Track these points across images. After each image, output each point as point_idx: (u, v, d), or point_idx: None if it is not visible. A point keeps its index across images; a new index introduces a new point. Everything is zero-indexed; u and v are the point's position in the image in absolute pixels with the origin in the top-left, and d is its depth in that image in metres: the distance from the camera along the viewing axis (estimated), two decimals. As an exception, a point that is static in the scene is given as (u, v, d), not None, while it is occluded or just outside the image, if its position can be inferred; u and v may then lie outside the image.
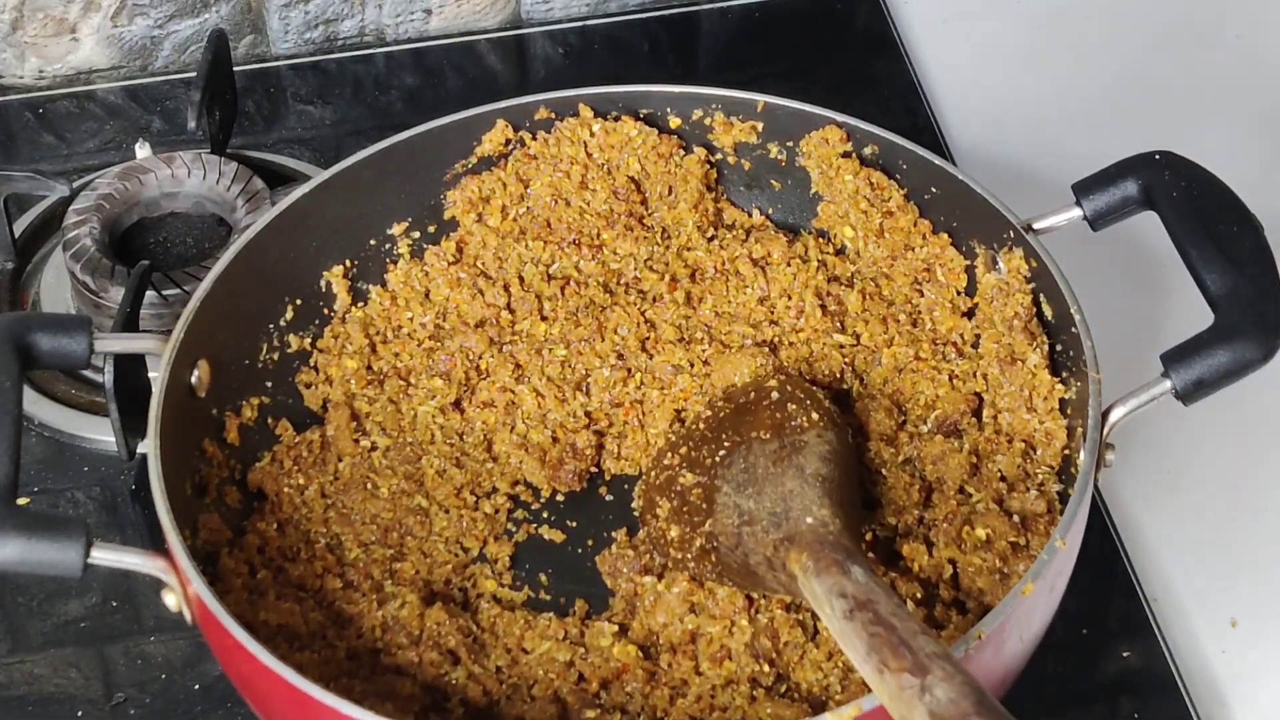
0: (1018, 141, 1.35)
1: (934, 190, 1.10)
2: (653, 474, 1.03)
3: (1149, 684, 1.04)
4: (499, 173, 1.15)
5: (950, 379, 1.06)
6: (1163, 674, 1.04)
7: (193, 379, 1.03)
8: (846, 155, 1.13)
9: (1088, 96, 1.38)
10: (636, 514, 1.04)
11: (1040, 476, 1.00)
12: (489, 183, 1.15)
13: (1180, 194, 0.99)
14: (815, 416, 0.99)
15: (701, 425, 1.03)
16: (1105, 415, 0.95)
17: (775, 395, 1.01)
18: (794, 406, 1.00)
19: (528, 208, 1.14)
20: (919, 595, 0.95)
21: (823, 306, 1.10)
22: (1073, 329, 0.99)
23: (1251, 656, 1.06)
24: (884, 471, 1.03)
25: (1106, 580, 1.09)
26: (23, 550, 0.88)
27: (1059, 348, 1.03)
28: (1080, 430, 0.97)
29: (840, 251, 1.14)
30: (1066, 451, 1.00)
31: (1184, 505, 1.13)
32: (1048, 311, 1.04)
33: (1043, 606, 0.92)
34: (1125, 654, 1.05)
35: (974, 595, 0.95)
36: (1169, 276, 1.11)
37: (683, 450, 1.02)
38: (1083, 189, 1.03)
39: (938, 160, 1.09)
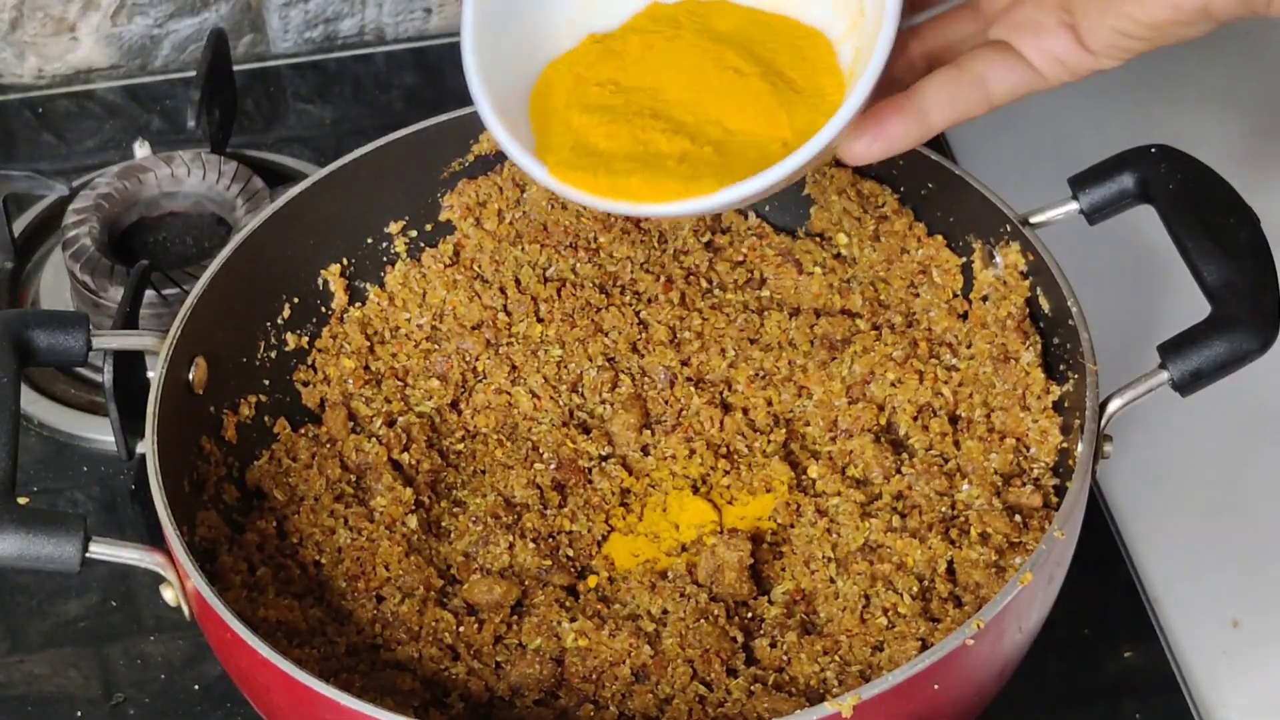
0: (1017, 137, 1.35)
1: (930, 186, 1.10)
2: None
3: (1150, 684, 1.04)
4: (495, 178, 1.15)
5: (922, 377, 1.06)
6: (1164, 674, 1.04)
7: (190, 376, 1.03)
8: (839, 163, 1.13)
9: (1086, 92, 1.38)
10: None
11: (1036, 472, 1.00)
12: (485, 188, 1.15)
13: (1176, 187, 0.99)
14: None
15: None
16: (1103, 407, 0.95)
17: None
18: None
19: (524, 212, 1.14)
20: (915, 589, 0.95)
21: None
22: (1070, 322, 1.00)
23: (1253, 657, 1.06)
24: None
25: (1107, 580, 1.09)
26: (20, 545, 0.89)
27: (1056, 340, 1.03)
28: (1077, 425, 0.97)
29: (838, 256, 1.13)
30: (1064, 446, 1.00)
31: (1185, 505, 1.13)
32: (1045, 305, 1.04)
33: (1041, 597, 0.92)
34: (1126, 654, 1.05)
35: (971, 589, 0.95)
36: (1166, 269, 1.11)
37: None
38: (1079, 183, 1.03)
39: (934, 155, 1.09)
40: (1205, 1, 0.79)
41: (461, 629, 0.99)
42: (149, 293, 1.19)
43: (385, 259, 1.14)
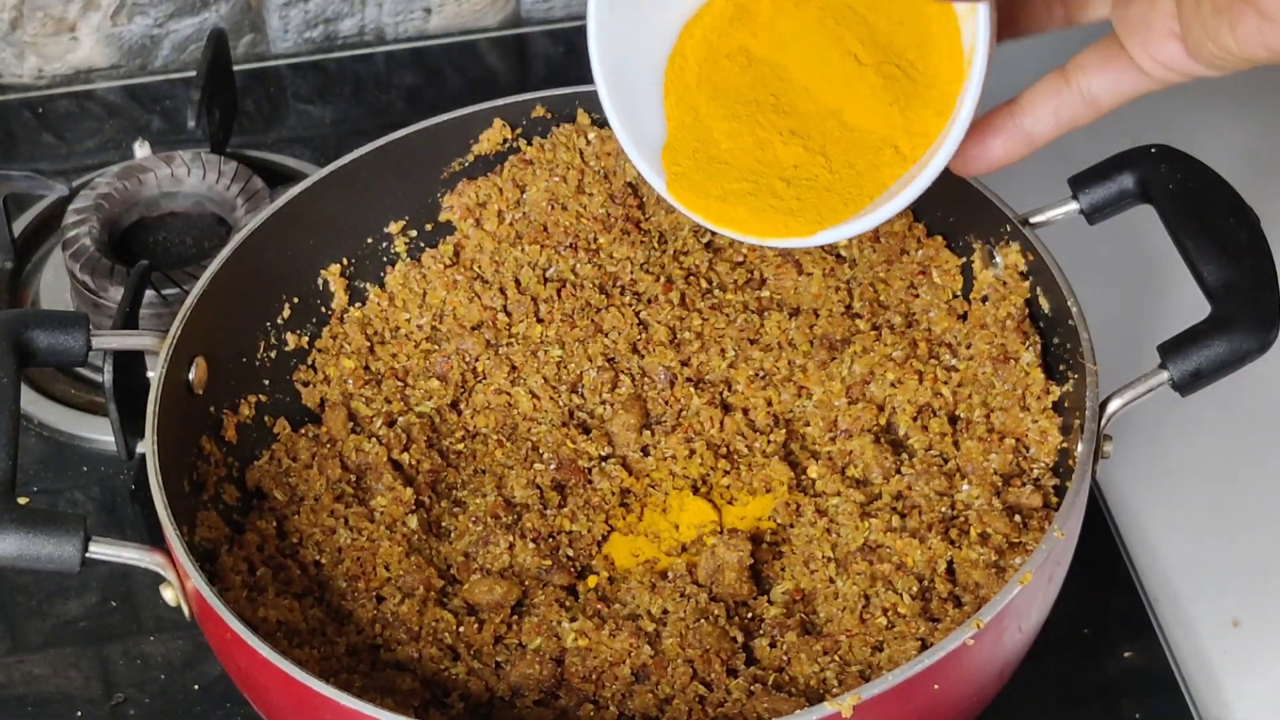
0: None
1: (930, 185, 1.10)
2: None
3: (1150, 684, 1.04)
4: (495, 179, 1.15)
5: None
6: (1164, 674, 1.04)
7: (190, 376, 1.03)
8: None
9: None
10: None
11: (1036, 472, 1.00)
12: (485, 189, 1.15)
13: (1176, 187, 0.99)
14: None
15: None
16: (1103, 407, 0.95)
17: None
18: None
19: (524, 213, 1.14)
20: (914, 589, 0.95)
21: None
22: (1070, 322, 1.00)
23: (1253, 657, 1.06)
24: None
25: (1107, 580, 1.09)
26: (20, 545, 0.89)
27: (1056, 340, 1.03)
28: (1077, 425, 0.97)
29: (837, 257, 1.13)
30: (1064, 446, 1.00)
31: (1185, 505, 1.13)
32: (1045, 305, 1.04)
33: (1041, 597, 0.92)
34: (1126, 654, 1.05)
35: (970, 589, 0.95)
36: (1166, 269, 1.11)
37: None
38: (1079, 183, 1.03)
39: (934, 155, 1.09)
40: None
41: (461, 629, 0.99)
42: (149, 293, 1.19)
43: (385, 259, 1.14)
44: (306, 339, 1.12)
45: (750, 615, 0.99)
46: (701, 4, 0.96)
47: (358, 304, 1.13)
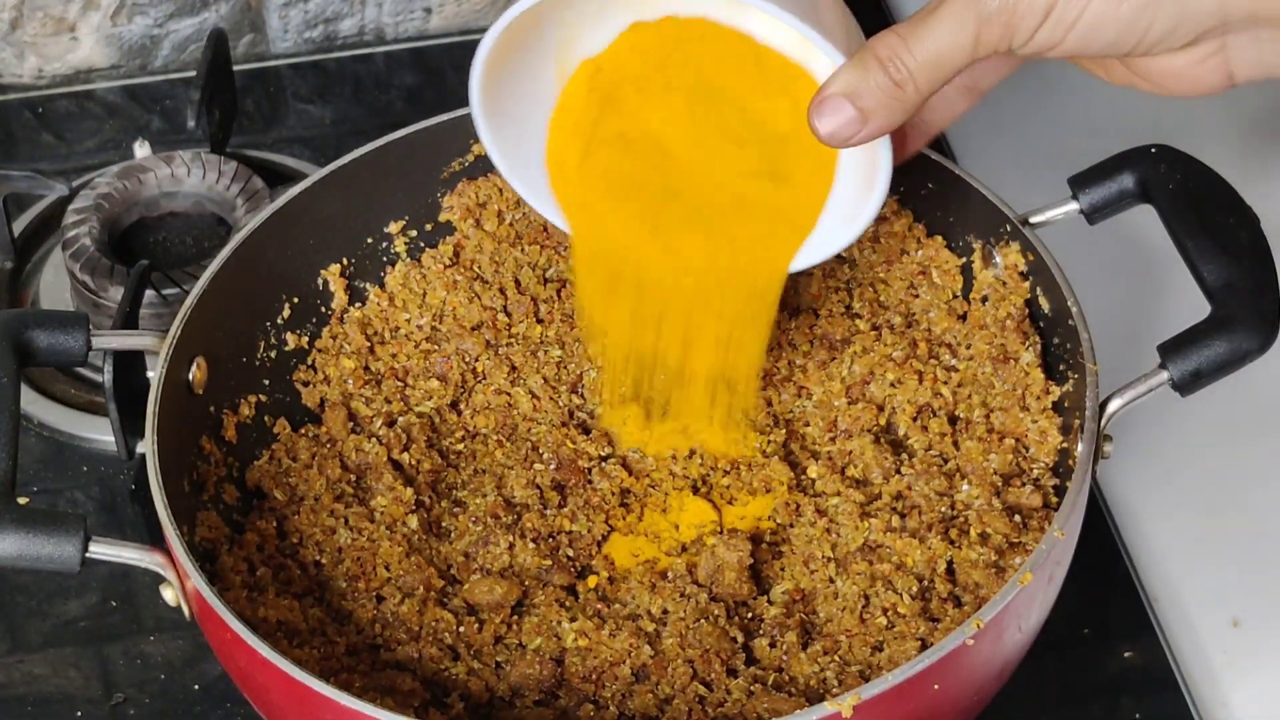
0: (1017, 138, 1.35)
1: (930, 186, 1.10)
2: None
3: (1150, 684, 1.04)
4: (495, 179, 1.15)
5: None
6: (1164, 674, 1.04)
7: (190, 376, 1.03)
8: None
9: (1086, 92, 1.38)
10: None
11: (1035, 472, 1.00)
12: (485, 188, 1.15)
13: (1176, 187, 0.99)
14: None
15: None
16: (1103, 407, 0.95)
17: None
18: None
19: (524, 213, 1.14)
20: (914, 589, 0.95)
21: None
22: (1070, 322, 1.00)
23: (1253, 657, 1.06)
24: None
25: (1107, 579, 1.09)
26: (20, 545, 0.88)
27: (1056, 341, 1.03)
28: (1077, 425, 0.97)
29: (837, 257, 1.13)
30: (1064, 446, 1.00)
31: (1186, 505, 1.13)
32: (1045, 305, 1.04)
33: (1041, 597, 0.92)
34: (1126, 654, 1.05)
35: (970, 589, 0.95)
36: (1166, 269, 1.11)
37: None
38: (1079, 182, 1.03)
39: (933, 155, 1.09)
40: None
41: (461, 629, 0.99)
42: (149, 293, 1.19)
43: (385, 259, 1.14)
44: (306, 339, 1.12)
45: (750, 615, 0.99)
46: (560, 88, 0.99)
47: (358, 304, 1.13)
